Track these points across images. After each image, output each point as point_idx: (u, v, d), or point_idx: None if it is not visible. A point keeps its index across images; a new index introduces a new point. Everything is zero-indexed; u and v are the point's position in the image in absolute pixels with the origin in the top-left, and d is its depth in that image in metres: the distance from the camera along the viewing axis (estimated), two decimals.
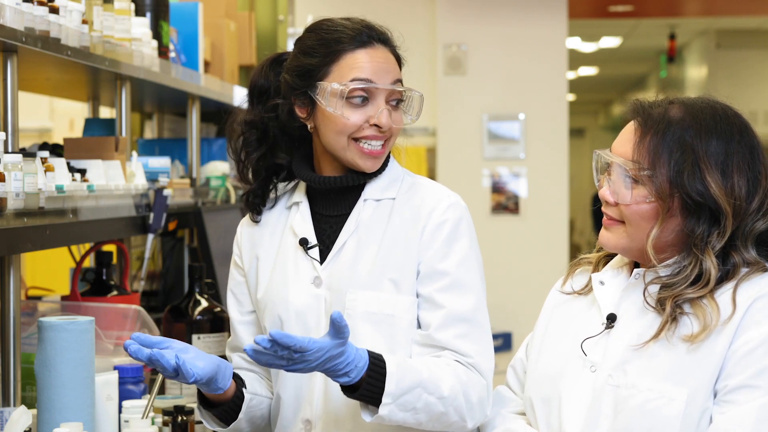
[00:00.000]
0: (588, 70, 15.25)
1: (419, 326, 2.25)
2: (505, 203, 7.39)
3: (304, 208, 2.34)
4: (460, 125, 7.38)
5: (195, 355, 2.12)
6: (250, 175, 2.37)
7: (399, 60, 2.33)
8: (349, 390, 2.13)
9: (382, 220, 2.29)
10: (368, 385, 2.11)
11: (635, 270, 2.06)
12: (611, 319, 2.04)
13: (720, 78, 11.43)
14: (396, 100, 2.29)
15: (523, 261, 7.32)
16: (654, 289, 1.99)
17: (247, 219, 2.43)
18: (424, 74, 7.38)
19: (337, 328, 2.02)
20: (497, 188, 7.39)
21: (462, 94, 7.36)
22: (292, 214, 2.35)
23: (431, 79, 7.39)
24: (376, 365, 2.12)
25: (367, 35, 2.27)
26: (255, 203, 2.39)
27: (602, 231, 2.07)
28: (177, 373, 2.09)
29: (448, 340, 2.22)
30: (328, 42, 2.27)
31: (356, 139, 2.26)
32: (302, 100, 2.29)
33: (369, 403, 2.13)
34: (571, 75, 14.14)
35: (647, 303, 1.99)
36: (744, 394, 1.88)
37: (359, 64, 2.25)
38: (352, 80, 2.24)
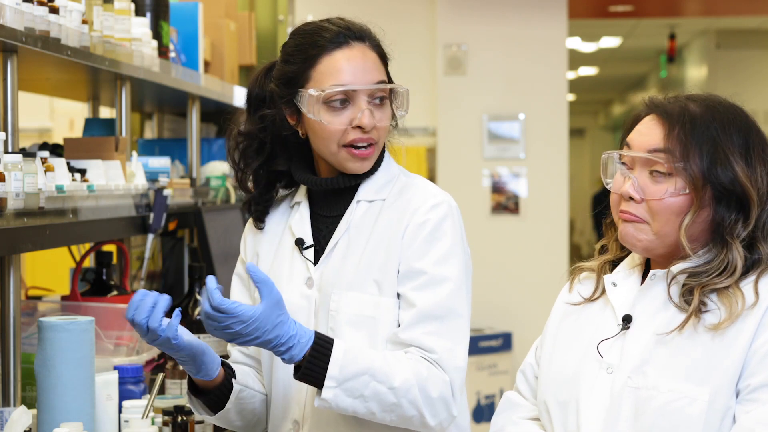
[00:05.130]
0: (588, 70, 15.25)
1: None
2: (505, 203, 7.38)
3: (304, 209, 2.35)
4: (460, 125, 7.37)
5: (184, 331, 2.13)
6: (250, 184, 2.38)
7: (382, 55, 2.30)
8: (296, 371, 2.12)
9: (371, 221, 2.28)
10: (310, 365, 2.10)
11: (652, 271, 2.05)
12: (627, 320, 2.03)
13: (720, 78, 11.42)
14: (380, 98, 2.26)
15: (523, 261, 7.32)
16: (676, 286, 1.99)
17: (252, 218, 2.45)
18: (424, 74, 7.38)
19: (260, 289, 2.06)
20: (497, 188, 7.39)
21: (462, 94, 7.36)
22: (292, 214, 2.36)
23: (431, 79, 7.39)
24: (322, 346, 2.11)
25: (344, 35, 2.25)
26: (258, 210, 2.39)
27: (624, 226, 2.03)
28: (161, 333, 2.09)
29: (415, 337, 2.18)
30: (305, 47, 2.26)
31: (345, 146, 2.25)
32: (290, 108, 2.29)
33: (314, 386, 2.12)
34: (571, 75, 14.14)
35: (671, 298, 1.99)
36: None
37: (337, 67, 2.24)
38: (332, 85, 2.23)
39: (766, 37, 11.57)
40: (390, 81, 2.30)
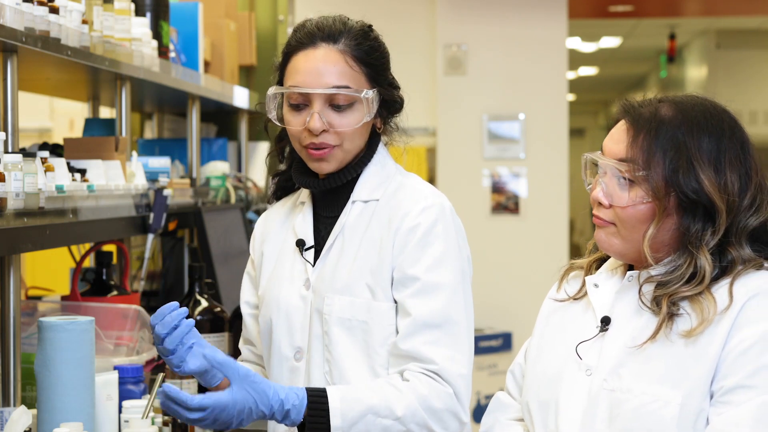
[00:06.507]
0: (588, 70, 15.25)
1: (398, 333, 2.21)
2: (505, 203, 7.38)
3: (307, 209, 2.34)
4: (460, 125, 7.37)
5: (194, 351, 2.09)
6: (285, 155, 2.39)
7: (361, 57, 2.24)
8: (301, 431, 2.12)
9: (365, 222, 2.26)
10: (312, 425, 2.09)
11: (628, 272, 2.04)
12: (605, 321, 2.02)
13: (720, 78, 11.42)
14: (345, 102, 2.22)
15: (523, 261, 7.32)
16: (649, 289, 1.98)
17: (263, 215, 2.45)
18: (424, 74, 7.38)
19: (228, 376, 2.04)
20: (497, 188, 7.38)
21: (462, 94, 7.36)
22: (296, 215, 2.35)
23: (431, 79, 7.39)
24: (317, 401, 2.10)
25: (312, 36, 2.23)
26: (278, 187, 2.41)
27: (597, 232, 2.04)
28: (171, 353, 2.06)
29: (414, 348, 2.16)
30: (285, 46, 2.28)
31: (305, 146, 2.24)
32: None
33: None
34: (571, 75, 14.14)
35: (642, 303, 1.98)
36: (740, 395, 1.88)
37: (296, 68, 2.23)
38: (289, 86, 2.23)
39: (766, 37, 11.57)
40: (376, 84, 2.25)
